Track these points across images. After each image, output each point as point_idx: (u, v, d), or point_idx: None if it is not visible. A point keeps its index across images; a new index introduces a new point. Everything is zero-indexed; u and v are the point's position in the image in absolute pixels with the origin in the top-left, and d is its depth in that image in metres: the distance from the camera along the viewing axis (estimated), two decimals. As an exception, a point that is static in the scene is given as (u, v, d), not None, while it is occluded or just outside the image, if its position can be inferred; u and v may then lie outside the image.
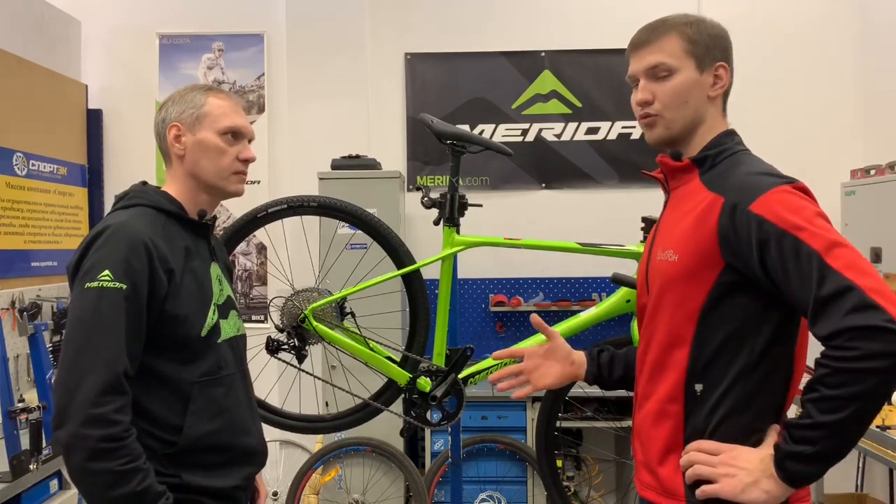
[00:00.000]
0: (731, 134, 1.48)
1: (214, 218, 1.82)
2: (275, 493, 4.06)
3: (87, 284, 1.49)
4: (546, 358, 1.74)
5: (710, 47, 1.44)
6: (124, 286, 1.48)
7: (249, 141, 1.79)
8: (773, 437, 1.34)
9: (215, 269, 1.74)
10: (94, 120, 4.29)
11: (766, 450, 1.30)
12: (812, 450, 1.21)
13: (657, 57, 1.44)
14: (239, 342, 1.77)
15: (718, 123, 1.48)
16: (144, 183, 1.76)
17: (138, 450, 1.46)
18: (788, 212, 1.26)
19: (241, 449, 1.69)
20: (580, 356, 1.72)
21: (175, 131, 1.71)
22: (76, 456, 1.42)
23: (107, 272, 1.48)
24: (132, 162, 4.35)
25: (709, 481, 1.31)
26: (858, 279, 1.18)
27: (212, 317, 1.65)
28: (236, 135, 1.73)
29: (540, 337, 2.28)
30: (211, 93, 1.74)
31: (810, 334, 1.35)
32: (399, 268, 2.37)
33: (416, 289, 2.38)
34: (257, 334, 2.24)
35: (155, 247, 1.55)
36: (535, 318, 1.75)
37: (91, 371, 1.44)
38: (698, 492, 1.32)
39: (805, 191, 1.32)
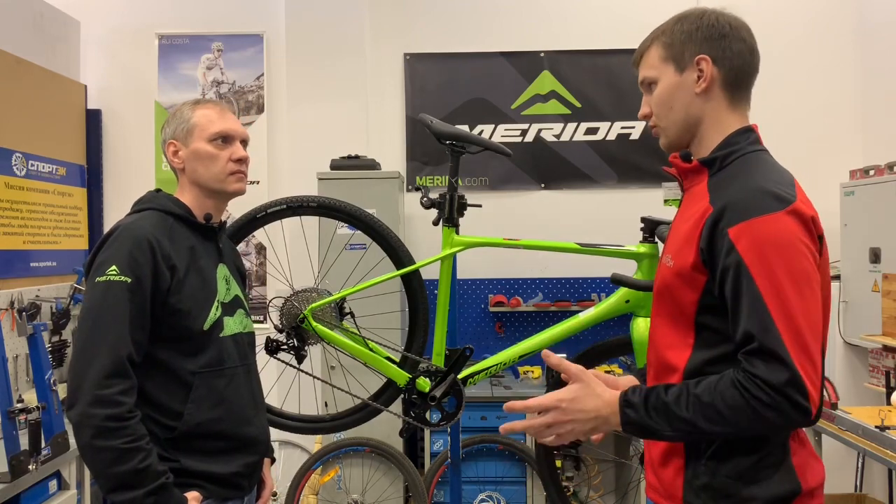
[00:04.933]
0: (746, 132, 1.41)
1: (224, 222, 1.94)
2: (274, 494, 4.05)
3: (97, 279, 1.64)
4: None
5: (685, 43, 1.40)
6: (129, 279, 1.62)
7: (244, 142, 1.88)
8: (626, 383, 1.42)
9: (222, 270, 1.86)
10: (93, 120, 4.29)
11: (612, 393, 1.35)
12: (666, 433, 1.29)
13: (643, 72, 1.47)
14: (244, 339, 1.88)
15: (727, 119, 1.41)
16: (158, 190, 1.88)
17: (141, 431, 1.59)
18: (762, 247, 1.24)
19: (240, 438, 1.79)
20: (629, 380, 1.56)
21: (173, 148, 1.83)
22: (84, 434, 1.56)
23: (114, 267, 1.63)
24: (131, 162, 4.35)
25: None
26: (796, 354, 1.21)
27: (214, 312, 1.77)
28: (226, 138, 1.83)
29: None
30: (198, 105, 1.85)
31: (828, 345, 1.37)
32: (398, 268, 2.37)
33: (416, 289, 2.39)
34: (257, 334, 2.24)
35: (158, 244, 1.68)
36: (546, 353, 1.52)
37: (98, 356, 1.58)
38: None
39: (799, 216, 1.26)
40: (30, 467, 2.48)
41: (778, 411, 1.21)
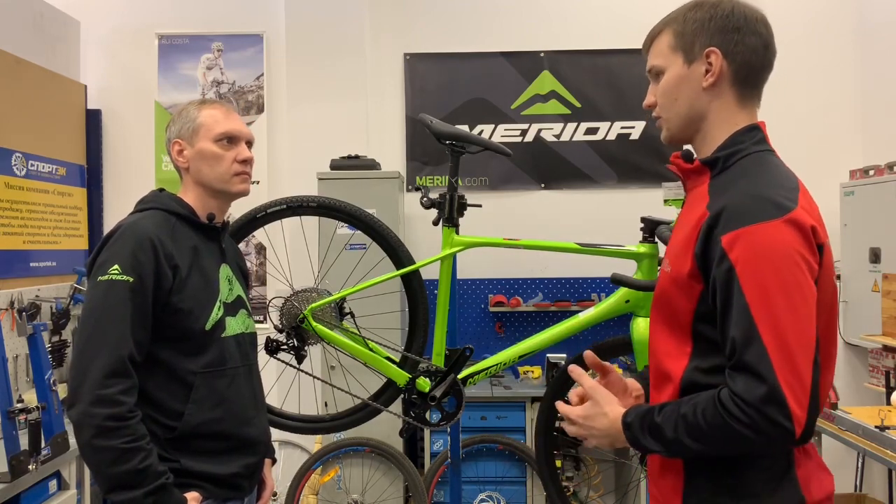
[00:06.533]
0: (751, 130, 1.35)
1: (226, 222, 1.94)
2: (274, 494, 4.05)
3: (99, 278, 1.64)
4: None
5: (697, 34, 1.34)
6: (131, 279, 1.62)
7: (249, 143, 1.88)
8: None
9: (225, 270, 1.86)
10: (93, 120, 4.29)
11: (617, 412, 1.37)
12: (662, 452, 1.30)
13: (651, 60, 1.42)
14: (246, 339, 1.88)
15: (733, 116, 1.36)
16: (161, 190, 1.87)
17: (141, 431, 1.59)
18: (754, 257, 1.19)
19: (241, 438, 1.79)
20: (634, 384, 1.55)
21: (178, 147, 1.84)
22: (85, 433, 1.56)
23: (116, 266, 1.63)
24: (131, 162, 4.35)
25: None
26: (780, 368, 1.16)
27: (216, 312, 1.76)
28: (232, 139, 1.83)
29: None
30: (204, 105, 1.85)
31: (835, 353, 1.35)
32: (398, 268, 2.37)
33: (416, 289, 2.38)
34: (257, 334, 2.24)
35: (161, 243, 1.67)
36: (589, 354, 1.54)
37: (99, 355, 1.58)
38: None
39: (798, 225, 1.20)
40: (30, 467, 2.48)
41: (755, 430, 1.16)
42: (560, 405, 1.46)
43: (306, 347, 2.36)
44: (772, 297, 1.18)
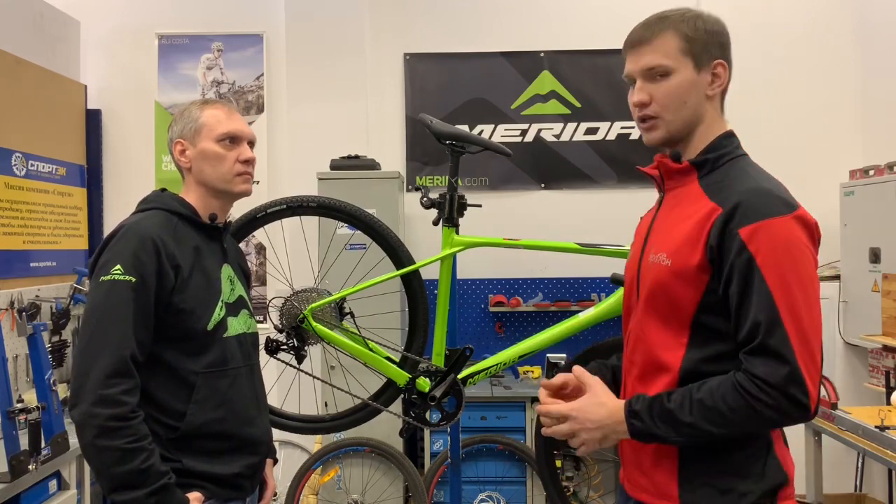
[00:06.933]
0: (731, 136, 1.45)
1: (228, 222, 1.94)
2: (274, 494, 4.05)
3: (102, 278, 1.64)
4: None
5: (707, 44, 1.40)
6: (133, 279, 1.62)
7: (251, 143, 1.88)
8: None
9: (227, 270, 1.86)
10: (93, 120, 4.29)
11: (616, 403, 1.39)
12: (672, 438, 1.33)
13: (653, 58, 1.41)
14: (248, 339, 1.88)
15: (717, 123, 1.44)
16: (163, 190, 1.87)
17: (143, 431, 1.59)
18: (774, 249, 1.27)
19: (243, 438, 1.79)
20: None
21: (180, 147, 1.84)
22: (87, 433, 1.56)
23: (118, 266, 1.63)
24: (131, 162, 4.35)
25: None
26: (800, 351, 1.25)
27: (219, 312, 1.76)
28: (234, 139, 1.83)
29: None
30: (207, 105, 1.85)
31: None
32: (398, 268, 2.37)
33: (416, 289, 2.38)
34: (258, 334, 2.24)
35: (163, 243, 1.67)
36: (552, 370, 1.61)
37: (101, 355, 1.58)
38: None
39: (805, 222, 1.30)
40: (30, 467, 2.48)
41: (778, 410, 1.25)
42: (546, 408, 1.45)
43: (306, 347, 2.36)
44: (791, 287, 1.26)
